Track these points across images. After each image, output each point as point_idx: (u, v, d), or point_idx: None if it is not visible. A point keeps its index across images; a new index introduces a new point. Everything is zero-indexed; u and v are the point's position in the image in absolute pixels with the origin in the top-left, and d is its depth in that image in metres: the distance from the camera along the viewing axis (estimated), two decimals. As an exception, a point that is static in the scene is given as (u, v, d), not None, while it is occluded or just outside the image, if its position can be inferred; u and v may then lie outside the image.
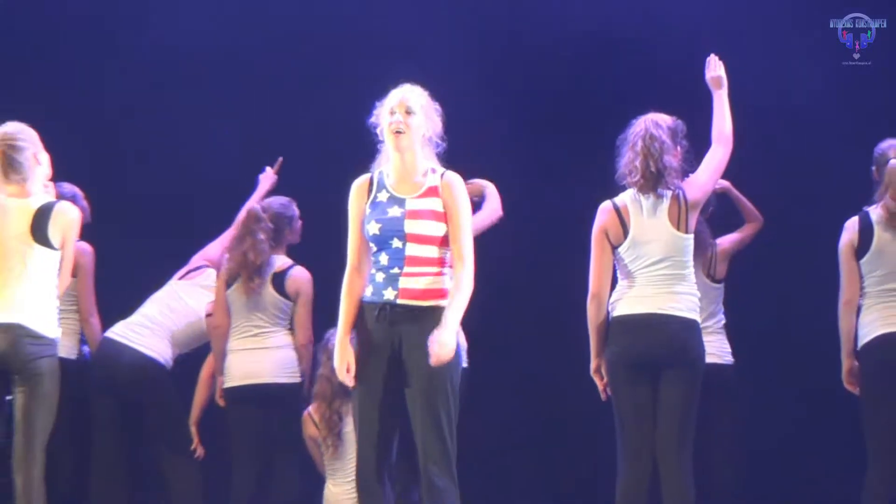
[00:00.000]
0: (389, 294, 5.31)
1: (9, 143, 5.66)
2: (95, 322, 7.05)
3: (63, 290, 5.88)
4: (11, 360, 5.58)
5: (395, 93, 5.46)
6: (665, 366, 5.85)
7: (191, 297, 7.19)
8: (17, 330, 5.59)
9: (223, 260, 7.13)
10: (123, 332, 7.02)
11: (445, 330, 5.31)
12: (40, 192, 5.75)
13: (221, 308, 7.00)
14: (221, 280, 7.04)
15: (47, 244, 5.65)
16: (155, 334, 7.05)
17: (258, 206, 7.08)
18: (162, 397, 7.00)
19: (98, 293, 7.08)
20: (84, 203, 6.67)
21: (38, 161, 5.72)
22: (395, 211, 5.37)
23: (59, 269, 5.77)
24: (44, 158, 5.75)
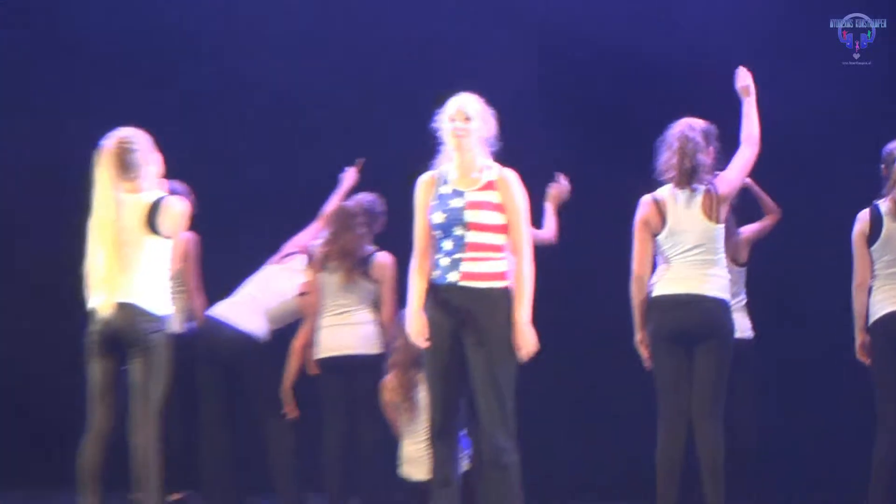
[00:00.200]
0: (453, 276, 5.65)
1: (124, 147, 5.87)
2: (200, 301, 7.39)
3: (173, 274, 6.09)
4: (128, 335, 5.81)
5: (454, 101, 5.76)
6: (699, 339, 6.11)
7: (283, 280, 7.47)
8: (133, 309, 5.81)
9: (314, 248, 7.37)
10: (225, 310, 7.31)
11: (522, 327, 5.63)
12: (152, 189, 5.94)
13: (315, 290, 7.30)
14: (315, 265, 7.31)
15: (158, 234, 5.87)
16: (252, 312, 7.31)
17: (353, 204, 7.35)
18: (259, 367, 7.26)
19: (202, 276, 7.42)
20: (190, 197, 6.78)
21: (150, 161, 5.95)
22: (458, 202, 5.68)
23: (170, 255, 5.97)
24: (155, 159, 5.99)
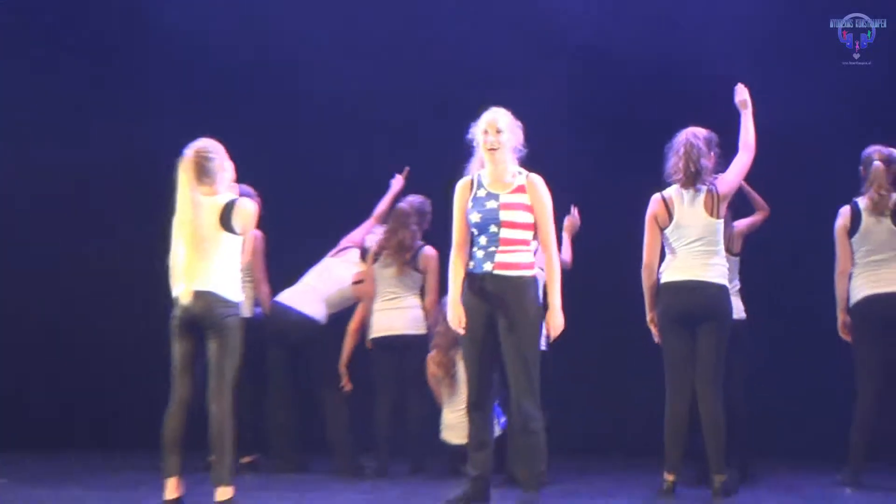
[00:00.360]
0: (488, 266, 6.04)
1: (202, 155, 6.13)
2: (266, 289, 7.87)
3: (243, 266, 6.30)
4: (206, 319, 6.05)
5: (486, 115, 6.10)
6: (702, 320, 6.45)
7: (340, 270, 7.93)
8: (210, 296, 6.06)
9: (368, 242, 7.82)
10: (291, 297, 7.77)
11: (554, 312, 5.98)
12: (226, 192, 6.18)
13: (370, 279, 7.77)
14: (371, 257, 7.76)
15: (231, 231, 6.12)
16: (313, 298, 7.74)
17: (406, 205, 7.76)
18: (319, 347, 7.72)
19: (268, 267, 7.89)
20: (257, 199, 7.00)
21: (224, 168, 6.18)
22: (492, 203, 6.05)
23: (241, 250, 6.21)
24: (228, 165, 6.23)
